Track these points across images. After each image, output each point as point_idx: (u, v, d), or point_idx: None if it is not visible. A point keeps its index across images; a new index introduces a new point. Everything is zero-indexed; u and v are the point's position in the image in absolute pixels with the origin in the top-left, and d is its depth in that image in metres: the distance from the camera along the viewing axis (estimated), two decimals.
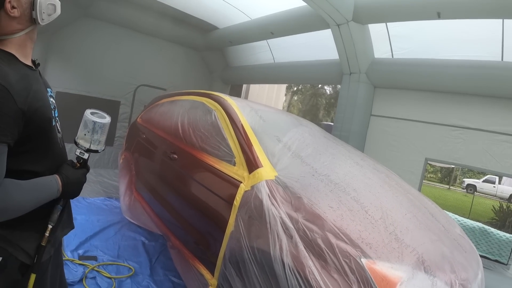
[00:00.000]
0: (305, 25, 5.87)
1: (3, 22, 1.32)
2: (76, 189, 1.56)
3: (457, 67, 4.62)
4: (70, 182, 1.50)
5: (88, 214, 4.90)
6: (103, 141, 1.69)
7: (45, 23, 1.46)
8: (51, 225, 1.49)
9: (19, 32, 1.39)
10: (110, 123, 1.72)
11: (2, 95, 1.20)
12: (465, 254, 2.33)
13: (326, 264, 1.80)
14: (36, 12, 1.39)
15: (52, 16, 1.49)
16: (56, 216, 1.53)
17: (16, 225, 1.37)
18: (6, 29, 1.35)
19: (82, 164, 1.63)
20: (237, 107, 3.24)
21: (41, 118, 1.39)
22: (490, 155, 4.49)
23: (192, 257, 2.92)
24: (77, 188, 1.57)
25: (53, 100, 1.59)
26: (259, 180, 2.36)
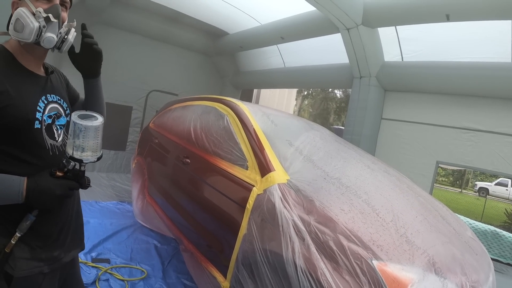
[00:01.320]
0: (315, 30, 5.89)
1: None
2: (45, 199, 1.32)
3: (467, 69, 4.62)
4: (38, 190, 1.30)
5: (101, 217, 4.95)
6: (90, 148, 1.37)
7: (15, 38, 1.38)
8: (18, 233, 1.33)
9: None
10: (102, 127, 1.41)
11: None
12: (476, 257, 2.33)
13: (338, 266, 1.81)
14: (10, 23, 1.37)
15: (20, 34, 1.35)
16: (25, 225, 1.34)
17: None
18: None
19: (67, 174, 1.38)
20: (249, 111, 3.27)
21: (15, 115, 1.32)
22: (501, 157, 4.48)
23: (205, 260, 2.94)
24: (47, 199, 1.32)
25: (55, 106, 1.54)
26: (272, 183, 2.39)
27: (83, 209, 1.70)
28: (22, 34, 1.34)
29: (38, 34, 1.35)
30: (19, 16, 1.33)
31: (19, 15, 1.33)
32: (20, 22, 1.33)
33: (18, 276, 1.33)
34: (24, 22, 1.33)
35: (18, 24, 1.33)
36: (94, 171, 7.44)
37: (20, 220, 1.34)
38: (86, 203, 5.40)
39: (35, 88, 1.44)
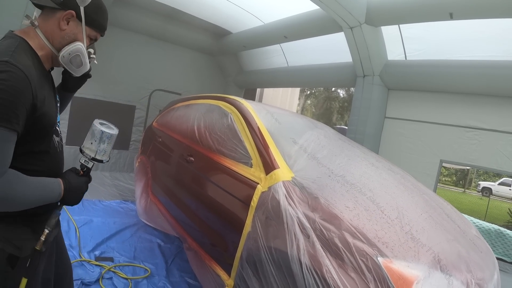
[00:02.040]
0: (318, 29, 5.89)
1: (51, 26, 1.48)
2: (76, 197, 1.55)
3: (471, 68, 4.61)
4: (72, 189, 1.51)
5: (104, 216, 4.97)
6: (108, 152, 1.69)
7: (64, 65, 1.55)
8: (47, 229, 1.47)
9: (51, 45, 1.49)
10: (118, 135, 1.73)
11: (23, 85, 1.26)
12: (481, 255, 2.33)
13: (343, 263, 1.81)
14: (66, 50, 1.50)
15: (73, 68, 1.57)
16: (54, 221, 1.50)
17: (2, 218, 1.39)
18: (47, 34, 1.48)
19: (85, 173, 1.63)
20: (253, 110, 3.28)
21: (48, 122, 1.45)
22: (505, 156, 4.47)
23: (209, 258, 2.94)
24: (78, 196, 1.56)
25: (58, 105, 1.68)
26: (276, 181, 2.38)
27: (86, 209, 1.95)
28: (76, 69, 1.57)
29: None
30: (80, 53, 1.53)
31: (81, 53, 1.53)
32: (79, 59, 1.54)
33: (24, 256, 1.42)
34: (82, 61, 1.56)
35: (77, 59, 1.53)
36: (97, 170, 7.45)
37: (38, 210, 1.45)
38: (89, 202, 5.42)
39: (51, 91, 1.56)
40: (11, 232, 1.41)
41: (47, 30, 1.47)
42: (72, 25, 1.50)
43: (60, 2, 1.44)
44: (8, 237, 1.40)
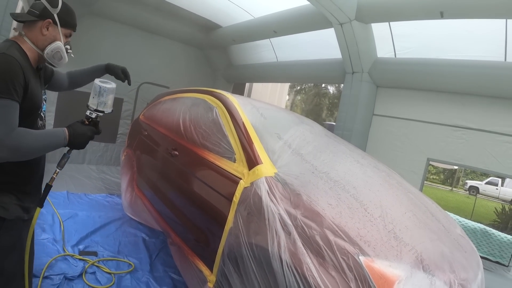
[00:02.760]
0: (308, 24, 5.87)
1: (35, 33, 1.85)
2: (82, 141, 1.89)
3: (460, 67, 4.61)
4: (77, 134, 1.85)
5: (89, 210, 4.91)
6: (108, 104, 2.06)
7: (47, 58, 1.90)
8: (58, 169, 1.94)
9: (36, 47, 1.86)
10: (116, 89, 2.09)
11: (16, 68, 1.65)
12: (465, 254, 2.32)
13: (324, 261, 1.79)
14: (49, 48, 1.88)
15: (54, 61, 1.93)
16: (64, 162, 1.96)
17: None
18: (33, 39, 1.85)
19: (91, 123, 1.99)
20: (238, 104, 3.24)
21: (34, 101, 1.79)
22: (492, 156, 4.48)
23: (192, 254, 2.92)
24: (83, 141, 1.90)
25: (45, 96, 2.07)
26: (259, 176, 2.36)
27: (72, 202, 2.41)
28: (57, 62, 1.94)
29: None
30: (60, 50, 1.91)
31: (60, 49, 1.91)
32: (59, 54, 1.92)
33: (10, 218, 1.75)
34: (62, 55, 1.93)
35: (57, 54, 1.91)
36: (84, 163, 7.39)
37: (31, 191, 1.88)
38: (75, 196, 5.36)
39: (38, 82, 1.93)
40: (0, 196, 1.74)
41: (32, 36, 1.85)
42: (51, 29, 1.88)
43: (38, 15, 1.83)
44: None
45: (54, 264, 3.34)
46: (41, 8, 1.84)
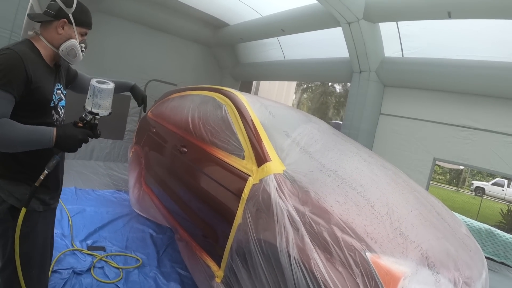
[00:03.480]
0: (316, 23, 5.88)
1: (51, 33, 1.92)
2: (71, 144, 1.77)
3: (467, 67, 4.61)
4: (65, 136, 1.75)
5: (97, 206, 4.95)
6: (104, 106, 1.89)
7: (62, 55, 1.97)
8: (47, 171, 1.79)
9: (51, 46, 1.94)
10: (113, 91, 1.96)
11: (17, 61, 1.70)
12: (470, 253, 2.34)
13: (331, 257, 1.82)
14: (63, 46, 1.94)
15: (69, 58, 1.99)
16: (52, 164, 1.81)
17: (7, 175, 1.82)
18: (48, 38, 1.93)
19: (85, 125, 1.86)
20: (247, 102, 3.27)
21: (41, 94, 1.84)
22: (498, 156, 4.48)
23: (200, 249, 2.95)
24: (72, 143, 1.77)
25: (60, 92, 2.08)
26: (268, 173, 2.39)
27: (79, 198, 2.40)
28: (72, 59, 2.00)
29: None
30: (74, 47, 1.96)
31: (75, 47, 1.97)
32: (74, 52, 1.97)
33: (22, 207, 1.75)
34: (76, 53, 1.99)
35: (72, 52, 1.96)
36: (91, 159, 7.44)
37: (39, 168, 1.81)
38: (82, 191, 5.41)
39: (51, 78, 1.98)
40: (14, 187, 1.82)
41: (48, 35, 1.93)
42: (66, 28, 1.94)
43: (54, 15, 1.89)
44: (11, 190, 1.81)
45: (63, 259, 3.38)
46: (57, 8, 1.90)
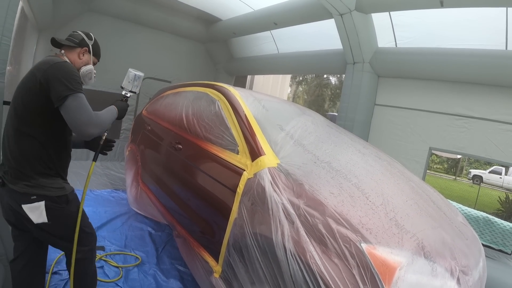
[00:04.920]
0: (308, 15, 5.85)
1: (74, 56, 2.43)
2: (124, 112, 2.59)
3: (461, 56, 4.60)
4: (121, 108, 2.56)
5: (95, 205, 4.95)
6: (138, 87, 2.81)
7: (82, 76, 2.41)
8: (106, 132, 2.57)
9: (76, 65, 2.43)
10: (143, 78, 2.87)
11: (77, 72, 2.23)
12: (466, 242, 2.34)
13: (327, 249, 1.82)
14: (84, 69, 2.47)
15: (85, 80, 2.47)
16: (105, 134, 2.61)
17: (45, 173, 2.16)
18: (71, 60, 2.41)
19: (125, 100, 2.70)
20: (240, 97, 3.27)
21: None
22: (494, 144, 4.48)
23: (197, 245, 2.96)
24: (124, 112, 2.61)
25: None
26: (262, 167, 2.39)
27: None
28: (88, 80, 2.50)
29: None
30: (91, 72, 2.49)
31: (92, 72, 2.50)
32: (90, 75, 2.49)
33: (68, 193, 2.27)
34: (91, 76, 2.51)
35: (89, 75, 2.48)
36: (88, 160, 7.42)
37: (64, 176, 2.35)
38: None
39: None
40: (53, 181, 2.19)
41: (71, 58, 2.40)
42: (86, 55, 2.47)
43: (78, 43, 2.43)
44: (53, 185, 2.18)
45: (63, 260, 3.36)
46: (80, 38, 2.47)
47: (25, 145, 2.11)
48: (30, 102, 2.08)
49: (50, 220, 2.14)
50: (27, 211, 2.08)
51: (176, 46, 8.74)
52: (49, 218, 2.13)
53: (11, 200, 2.12)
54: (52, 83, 2.02)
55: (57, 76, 2.03)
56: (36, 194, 2.09)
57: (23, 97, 2.10)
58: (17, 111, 2.12)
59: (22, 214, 2.09)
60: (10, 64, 4.55)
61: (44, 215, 2.11)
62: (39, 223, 2.11)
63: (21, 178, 2.10)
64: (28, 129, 2.10)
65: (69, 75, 2.07)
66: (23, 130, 2.10)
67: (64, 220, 2.25)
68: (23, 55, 5.74)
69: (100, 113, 2.25)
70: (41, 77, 2.04)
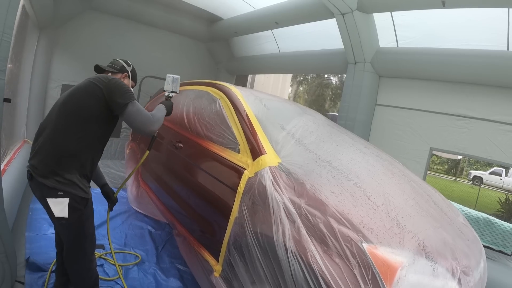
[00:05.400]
0: (310, 15, 5.84)
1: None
2: (170, 109, 2.97)
3: (463, 57, 4.58)
4: (168, 106, 2.93)
5: (95, 204, 4.78)
6: (178, 87, 3.15)
7: None
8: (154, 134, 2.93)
9: None
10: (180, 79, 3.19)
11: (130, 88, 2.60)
12: (467, 242, 2.33)
13: (328, 248, 1.82)
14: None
15: None
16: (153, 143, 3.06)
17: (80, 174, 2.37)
18: None
19: (169, 100, 3.06)
20: (241, 95, 3.26)
21: None
22: (495, 145, 4.47)
23: (198, 244, 2.96)
24: (171, 109, 2.98)
25: None
26: (263, 166, 2.39)
27: None
28: None
29: None
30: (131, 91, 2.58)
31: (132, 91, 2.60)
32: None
33: (89, 197, 2.46)
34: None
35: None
36: None
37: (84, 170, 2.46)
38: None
39: None
40: (80, 182, 2.35)
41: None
42: (126, 80, 2.86)
43: (119, 69, 2.85)
44: (81, 186, 2.35)
45: None
46: (120, 65, 2.88)
47: (69, 144, 2.32)
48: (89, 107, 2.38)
49: (69, 217, 2.31)
50: (51, 205, 2.27)
51: (177, 45, 8.72)
52: (69, 214, 2.30)
53: (37, 193, 2.34)
54: (112, 95, 2.38)
55: (116, 89, 2.42)
56: (64, 190, 2.27)
57: (80, 100, 2.39)
58: (68, 112, 2.37)
59: (46, 206, 2.30)
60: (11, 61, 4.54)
61: (66, 211, 2.29)
62: (59, 217, 2.30)
63: (54, 173, 2.26)
64: (77, 129, 2.35)
65: (125, 88, 2.46)
66: (71, 129, 2.34)
67: (79, 221, 2.40)
68: (24, 53, 5.73)
69: (153, 112, 2.63)
70: (104, 88, 2.39)
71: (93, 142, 2.47)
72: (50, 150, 2.31)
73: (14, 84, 5.16)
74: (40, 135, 2.40)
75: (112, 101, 2.39)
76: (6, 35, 2.46)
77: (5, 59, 2.47)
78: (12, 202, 3.68)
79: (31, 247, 3.55)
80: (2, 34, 2.43)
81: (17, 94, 5.64)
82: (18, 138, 5.95)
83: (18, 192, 4.18)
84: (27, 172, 2.36)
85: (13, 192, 3.78)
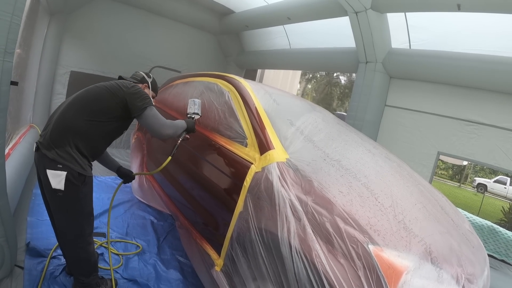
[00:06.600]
0: (323, 12, 5.80)
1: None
2: (191, 126, 3.00)
3: (475, 61, 4.53)
4: (189, 125, 2.99)
5: (98, 192, 4.91)
6: (199, 110, 3.16)
7: None
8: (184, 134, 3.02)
9: None
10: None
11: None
12: (473, 249, 2.31)
13: (333, 248, 1.79)
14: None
15: None
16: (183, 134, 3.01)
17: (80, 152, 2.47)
18: None
19: (193, 119, 3.08)
20: (251, 89, 3.23)
21: None
22: (503, 152, 4.43)
23: (200, 237, 2.95)
24: (192, 126, 3.01)
25: None
26: (270, 162, 2.36)
27: None
28: None
29: None
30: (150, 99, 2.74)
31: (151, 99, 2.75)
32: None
33: (88, 175, 2.53)
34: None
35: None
36: None
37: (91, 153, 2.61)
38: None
39: None
40: (79, 159, 2.45)
41: None
42: (146, 90, 3.02)
43: (139, 80, 3.04)
44: (79, 162, 2.44)
45: None
46: (141, 77, 3.08)
47: (77, 123, 2.48)
48: (107, 100, 2.59)
49: (65, 190, 2.39)
50: (49, 176, 2.37)
51: (187, 36, 8.71)
52: (65, 188, 2.39)
53: (40, 164, 2.44)
54: (133, 99, 2.61)
55: (137, 94, 2.65)
56: (63, 164, 2.38)
57: (101, 93, 2.61)
58: (87, 99, 2.59)
59: (46, 177, 2.39)
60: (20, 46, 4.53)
61: (62, 184, 2.38)
62: (56, 188, 2.38)
63: (56, 146, 2.40)
64: (89, 114, 2.52)
65: (145, 95, 2.68)
66: (84, 111, 2.52)
67: (75, 196, 2.49)
68: (33, 38, 5.72)
69: (172, 121, 2.84)
70: (126, 91, 2.62)
71: (98, 133, 2.60)
72: (59, 123, 2.46)
73: (22, 69, 5.15)
74: (56, 112, 2.59)
75: (131, 104, 2.59)
76: (15, 17, 2.44)
77: (14, 41, 2.44)
78: (16, 186, 3.67)
79: (32, 232, 3.54)
80: (12, 17, 2.40)
81: (25, 78, 5.63)
82: (24, 123, 5.96)
83: (22, 176, 4.17)
84: (35, 144, 2.50)
85: (16, 177, 3.77)
